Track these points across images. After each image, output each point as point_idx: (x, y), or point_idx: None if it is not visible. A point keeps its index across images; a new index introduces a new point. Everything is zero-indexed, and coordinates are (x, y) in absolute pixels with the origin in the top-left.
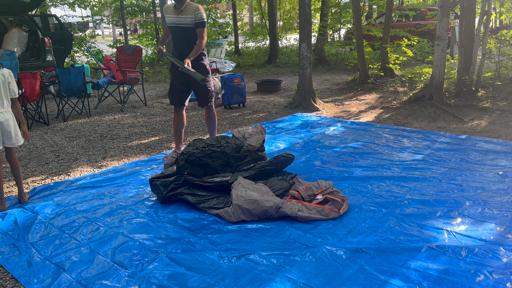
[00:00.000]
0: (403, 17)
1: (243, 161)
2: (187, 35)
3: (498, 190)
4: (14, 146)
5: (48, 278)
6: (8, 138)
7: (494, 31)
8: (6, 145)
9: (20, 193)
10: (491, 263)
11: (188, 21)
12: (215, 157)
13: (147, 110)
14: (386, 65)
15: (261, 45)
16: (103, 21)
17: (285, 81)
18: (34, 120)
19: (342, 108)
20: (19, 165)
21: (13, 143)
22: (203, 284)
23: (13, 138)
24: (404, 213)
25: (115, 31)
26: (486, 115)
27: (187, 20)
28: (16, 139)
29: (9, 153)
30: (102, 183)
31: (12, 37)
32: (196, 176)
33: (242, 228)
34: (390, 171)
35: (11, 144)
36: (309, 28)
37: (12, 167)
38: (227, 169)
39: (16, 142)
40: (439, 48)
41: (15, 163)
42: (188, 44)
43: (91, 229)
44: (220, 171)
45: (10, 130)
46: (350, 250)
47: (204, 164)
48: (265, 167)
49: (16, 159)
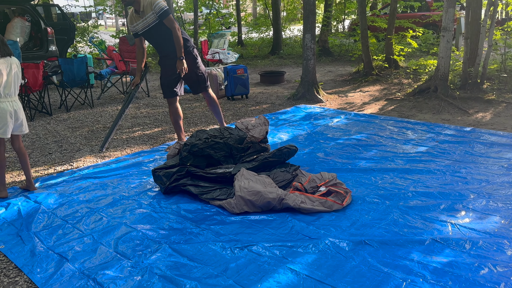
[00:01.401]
0: (408, 8)
1: (246, 152)
2: (159, 32)
3: (503, 183)
4: (22, 133)
5: (51, 268)
6: (19, 125)
7: (500, 22)
8: (16, 132)
9: (29, 181)
10: (495, 256)
11: (152, 18)
12: (218, 149)
13: (150, 101)
14: (391, 56)
15: (264, 36)
16: (106, 11)
17: (288, 73)
18: (37, 111)
19: (346, 100)
20: (26, 153)
21: (23, 130)
22: (205, 274)
23: (23, 126)
24: (407, 205)
25: (118, 21)
26: (491, 107)
27: (151, 18)
28: (25, 127)
29: (16, 141)
30: (105, 173)
31: (14, 27)
32: (198, 167)
33: (245, 220)
34: (394, 163)
35: (20, 131)
36: (313, 18)
37: (20, 155)
38: (230, 160)
39: (25, 129)
40: (444, 39)
41: (23, 151)
42: (166, 41)
43: (94, 219)
44: (223, 163)
45: (22, 118)
46: (353, 242)
47: (207, 156)
48: (268, 159)
49: (23, 147)
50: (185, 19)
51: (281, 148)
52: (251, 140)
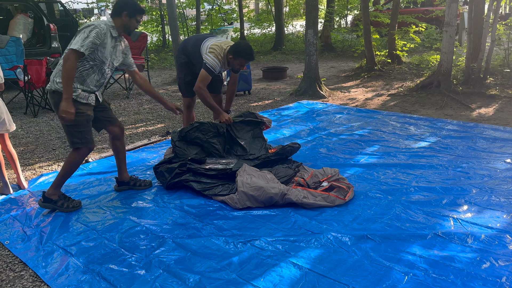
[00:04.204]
0: (411, 3)
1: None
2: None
3: (505, 177)
4: (7, 132)
5: (56, 262)
6: (2, 124)
7: (503, 17)
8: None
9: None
10: (497, 250)
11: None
12: (205, 130)
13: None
14: (394, 52)
15: (266, 31)
16: (108, 7)
17: (291, 68)
18: (41, 107)
19: (349, 96)
20: (14, 151)
21: (7, 129)
22: (209, 268)
23: (6, 124)
24: (410, 200)
25: None
26: (494, 102)
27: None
28: (10, 125)
29: (2, 140)
30: (109, 169)
31: (17, 23)
32: (197, 162)
33: (248, 215)
34: (396, 158)
35: (5, 130)
36: (315, 14)
37: (7, 154)
38: (220, 140)
39: (10, 128)
40: (447, 34)
41: (10, 150)
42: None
43: (98, 214)
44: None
45: (3, 117)
46: (356, 237)
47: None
48: (270, 158)
49: (11, 145)
50: (187, 15)
51: (284, 146)
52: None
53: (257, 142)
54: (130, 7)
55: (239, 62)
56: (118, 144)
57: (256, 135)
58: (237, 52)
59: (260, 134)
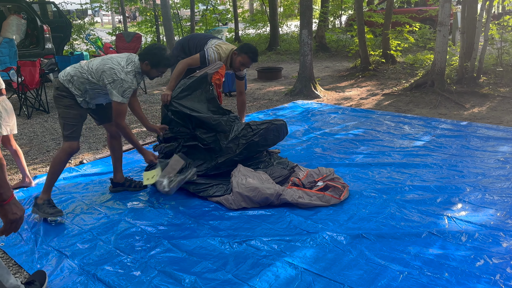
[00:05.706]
0: (405, 3)
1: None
2: None
3: (498, 176)
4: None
5: (51, 264)
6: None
7: (496, 17)
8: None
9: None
10: (491, 248)
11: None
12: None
13: (147, 98)
14: (388, 51)
15: (261, 32)
16: (102, 8)
17: (285, 68)
18: (34, 108)
19: (343, 95)
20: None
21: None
22: (204, 269)
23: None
24: (404, 199)
25: (114, 18)
26: (488, 101)
27: None
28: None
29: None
30: (103, 170)
31: (10, 24)
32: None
33: (243, 215)
34: (391, 157)
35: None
36: (310, 14)
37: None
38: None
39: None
40: (441, 34)
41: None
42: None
43: (93, 215)
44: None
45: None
46: (351, 236)
47: (186, 110)
48: (254, 140)
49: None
50: (181, 16)
51: (264, 121)
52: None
53: (213, 102)
54: (154, 59)
55: (241, 59)
56: (115, 143)
57: (209, 97)
58: (243, 49)
59: (212, 94)
